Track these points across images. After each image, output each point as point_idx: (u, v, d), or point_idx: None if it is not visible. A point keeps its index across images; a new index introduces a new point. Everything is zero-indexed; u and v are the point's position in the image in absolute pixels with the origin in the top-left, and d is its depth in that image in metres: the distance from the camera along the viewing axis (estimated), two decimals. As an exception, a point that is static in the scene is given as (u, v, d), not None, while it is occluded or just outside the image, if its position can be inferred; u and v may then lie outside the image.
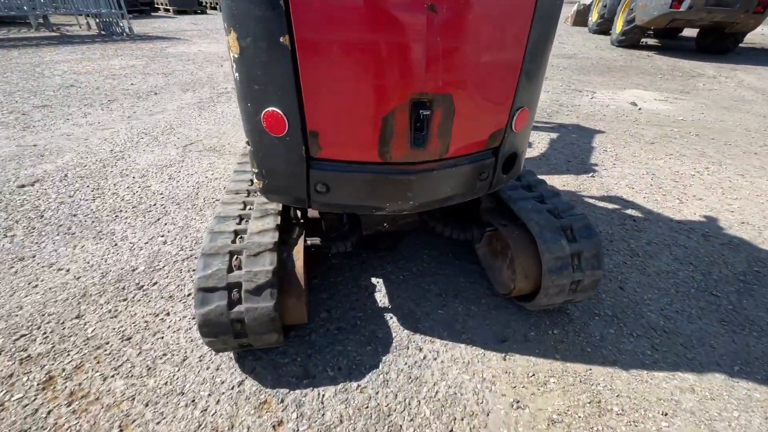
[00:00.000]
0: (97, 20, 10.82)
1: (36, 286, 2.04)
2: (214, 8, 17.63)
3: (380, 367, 1.65)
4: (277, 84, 1.22)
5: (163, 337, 1.77)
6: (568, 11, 15.83)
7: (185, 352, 1.70)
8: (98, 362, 1.64)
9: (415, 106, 1.24)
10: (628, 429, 1.45)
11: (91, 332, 1.78)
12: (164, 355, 1.68)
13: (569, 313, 1.95)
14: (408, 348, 1.75)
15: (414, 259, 2.30)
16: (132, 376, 1.59)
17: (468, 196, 1.59)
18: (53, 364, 1.63)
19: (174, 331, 1.80)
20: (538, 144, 4.07)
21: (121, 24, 10.56)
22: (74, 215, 2.65)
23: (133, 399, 1.50)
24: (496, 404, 1.52)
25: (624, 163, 3.67)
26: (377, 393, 1.55)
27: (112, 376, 1.59)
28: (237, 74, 1.25)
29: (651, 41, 11.73)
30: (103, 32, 10.78)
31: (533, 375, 1.64)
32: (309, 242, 1.79)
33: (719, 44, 9.81)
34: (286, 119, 1.26)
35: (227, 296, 1.39)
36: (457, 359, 1.70)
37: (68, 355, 1.67)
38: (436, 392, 1.56)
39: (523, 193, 1.93)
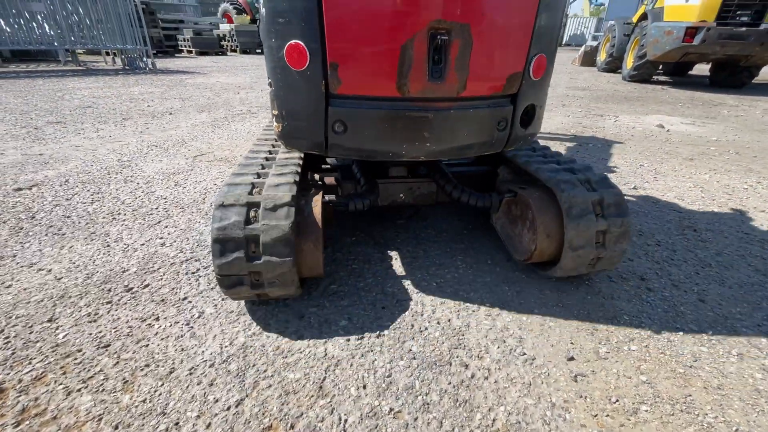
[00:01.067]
0: (123, 56, 11.29)
1: (9, 286, 1.75)
2: (234, 51, 18.52)
3: (417, 387, 1.29)
4: (301, 15, 1.24)
5: (147, 345, 1.44)
6: (575, 54, 16.23)
7: (173, 363, 1.36)
8: (64, 373, 1.31)
9: (433, 35, 1.23)
10: (765, 477, 1.05)
11: (63, 338, 1.47)
12: (146, 366, 1.35)
13: (647, 326, 1.59)
14: (450, 364, 1.39)
15: (447, 266, 1.97)
16: (103, 390, 1.25)
17: (486, 147, 1.55)
18: (9, 374, 1.30)
19: (162, 339, 1.47)
20: (567, 159, 3.80)
21: (145, 60, 10.98)
22: (68, 217, 2.41)
23: (100, 419, 1.16)
24: (576, 438, 1.14)
25: (666, 176, 3.37)
26: (416, 419, 1.18)
27: (78, 391, 1.25)
28: (263, 9, 1.32)
29: (662, 78, 11.77)
30: (127, 67, 11.20)
31: (617, 401, 1.26)
32: (327, 198, 1.78)
33: (733, 78, 9.72)
34: (307, 50, 1.28)
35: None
36: (515, 379, 1.33)
37: (29, 363, 1.35)
38: (494, 420, 1.19)
39: (539, 159, 1.92)
